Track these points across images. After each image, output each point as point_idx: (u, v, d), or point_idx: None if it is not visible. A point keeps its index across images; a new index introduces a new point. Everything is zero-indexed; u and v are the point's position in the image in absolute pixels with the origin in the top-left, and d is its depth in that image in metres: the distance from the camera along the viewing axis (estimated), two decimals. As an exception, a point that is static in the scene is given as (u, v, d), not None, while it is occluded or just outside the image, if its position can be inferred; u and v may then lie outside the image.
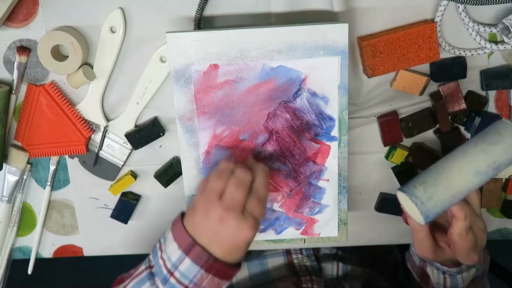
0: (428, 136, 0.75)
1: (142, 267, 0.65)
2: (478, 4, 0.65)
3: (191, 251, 0.60)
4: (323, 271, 0.83)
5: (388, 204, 0.78)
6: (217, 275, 0.61)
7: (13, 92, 0.72)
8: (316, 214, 0.72)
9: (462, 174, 0.58)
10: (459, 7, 0.67)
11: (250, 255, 0.86)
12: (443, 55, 0.70)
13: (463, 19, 0.68)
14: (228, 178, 0.62)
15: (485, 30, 0.68)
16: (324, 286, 0.80)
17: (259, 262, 0.85)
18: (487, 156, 0.58)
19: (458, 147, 0.60)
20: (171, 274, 0.61)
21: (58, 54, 0.70)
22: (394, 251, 0.98)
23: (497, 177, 0.77)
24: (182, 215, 0.65)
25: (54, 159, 0.76)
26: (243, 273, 0.84)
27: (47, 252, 0.83)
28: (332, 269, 0.83)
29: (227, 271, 0.61)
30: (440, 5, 0.67)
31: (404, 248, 0.87)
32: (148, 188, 0.78)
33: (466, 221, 0.60)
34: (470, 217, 0.61)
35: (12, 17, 0.69)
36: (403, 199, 0.61)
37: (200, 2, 0.67)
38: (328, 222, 0.73)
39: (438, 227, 0.66)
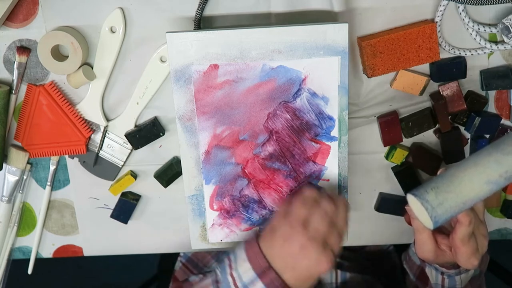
0: (428, 136, 0.75)
1: (208, 280, 0.65)
2: (478, 4, 0.65)
3: (265, 275, 0.60)
4: (322, 280, 0.83)
5: (388, 204, 0.78)
6: None
7: (13, 92, 0.72)
8: (316, 214, 0.72)
9: (473, 182, 0.58)
10: (459, 7, 0.67)
11: None
12: (443, 55, 0.70)
13: (463, 19, 0.68)
14: (313, 207, 0.62)
15: (485, 30, 0.68)
16: None
17: None
18: (500, 166, 0.58)
19: (471, 155, 0.60)
20: None
21: (58, 54, 0.70)
22: (391, 255, 0.98)
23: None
24: (257, 235, 0.64)
25: (54, 159, 0.76)
26: None
27: (47, 252, 0.83)
28: (331, 277, 0.83)
29: None
30: (440, 5, 0.67)
31: (400, 249, 0.87)
32: (148, 188, 0.78)
33: (470, 227, 0.60)
34: (474, 223, 0.61)
35: (12, 17, 0.69)
36: (413, 203, 0.61)
37: (200, 2, 0.67)
38: (328, 222, 0.73)
39: (440, 230, 0.66)
